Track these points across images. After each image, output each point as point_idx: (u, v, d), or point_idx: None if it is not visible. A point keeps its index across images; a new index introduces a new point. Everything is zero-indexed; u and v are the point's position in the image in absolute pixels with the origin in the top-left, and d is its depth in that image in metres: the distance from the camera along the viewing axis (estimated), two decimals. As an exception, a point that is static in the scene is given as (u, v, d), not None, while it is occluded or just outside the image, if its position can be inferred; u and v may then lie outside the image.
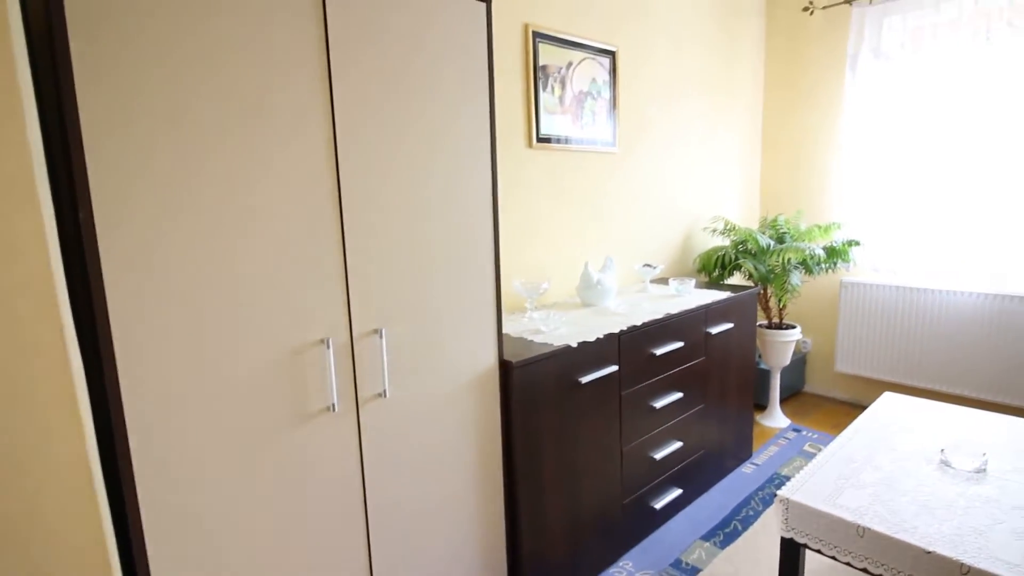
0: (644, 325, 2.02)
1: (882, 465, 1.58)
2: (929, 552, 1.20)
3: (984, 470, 1.51)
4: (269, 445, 1.17)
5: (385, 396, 1.35)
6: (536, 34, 2.22)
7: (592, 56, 2.47)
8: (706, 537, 2.17)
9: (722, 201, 3.40)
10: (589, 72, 2.47)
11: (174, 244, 1.01)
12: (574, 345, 1.76)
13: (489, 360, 1.60)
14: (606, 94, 2.56)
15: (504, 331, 1.88)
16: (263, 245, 1.12)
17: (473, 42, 1.44)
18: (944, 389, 2.99)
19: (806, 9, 3.31)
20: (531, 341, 1.80)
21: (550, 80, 2.31)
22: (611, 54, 2.54)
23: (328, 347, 1.23)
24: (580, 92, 2.44)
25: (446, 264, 1.45)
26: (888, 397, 2.10)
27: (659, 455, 2.16)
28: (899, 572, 1.25)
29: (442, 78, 1.39)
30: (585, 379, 1.80)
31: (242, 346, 1.11)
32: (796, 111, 3.46)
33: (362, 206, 1.27)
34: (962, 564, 1.15)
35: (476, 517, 1.61)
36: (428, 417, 1.46)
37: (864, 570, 1.31)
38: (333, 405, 1.25)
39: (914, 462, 1.59)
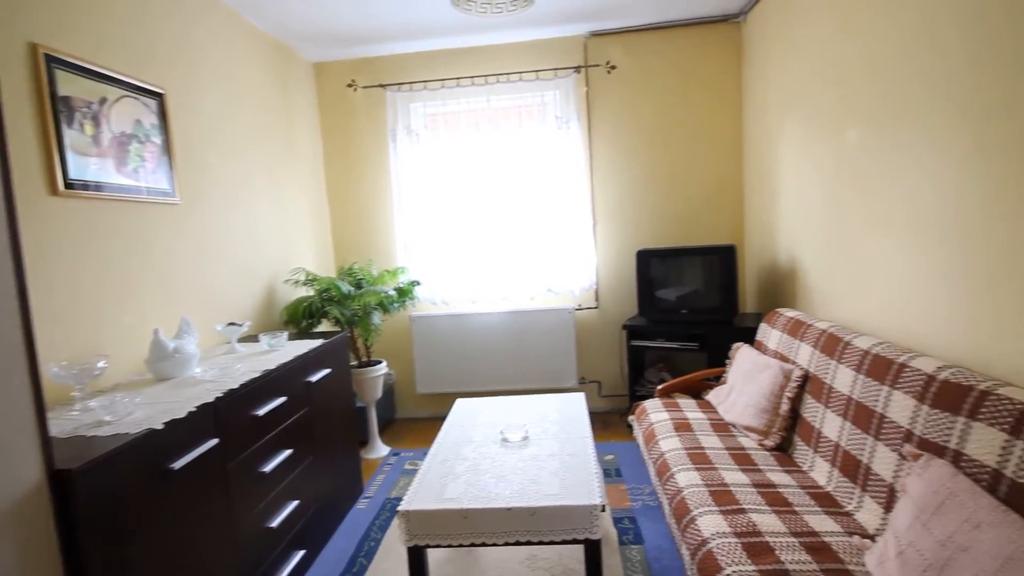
0: (242, 387, 1.87)
1: (467, 456, 1.96)
2: (509, 509, 1.56)
3: (527, 438, 2.08)
4: None
5: None
6: (51, 58, 1.80)
7: (134, 95, 2.16)
8: (336, 587, 2.15)
9: (300, 253, 3.48)
10: (132, 112, 2.15)
11: None
12: (160, 427, 1.48)
13: (31, 478, 1.18)
14: (157, 139, 2.27)
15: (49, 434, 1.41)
16: None
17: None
18: (494, 387, 3.87)
19: (350, 85, 3.79)
20: (93, 437, 1.42)
21: (77, 116, 1.90)
22: (159, 96, 2.28)
23: None
24: (123, 133, 2.10)
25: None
26: (460, 402, 2.61)
27: (276, 522, 2.02)
28: (493, 534, 1.58)
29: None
30: (179, 463, 1.54)
31: None
32: (355, 172, 3.89)
33: None
34: (530, 508, 1.55)
35: None
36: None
37: (471, 544, 1.59)
38: None
39: (487, 446, 2.03)
